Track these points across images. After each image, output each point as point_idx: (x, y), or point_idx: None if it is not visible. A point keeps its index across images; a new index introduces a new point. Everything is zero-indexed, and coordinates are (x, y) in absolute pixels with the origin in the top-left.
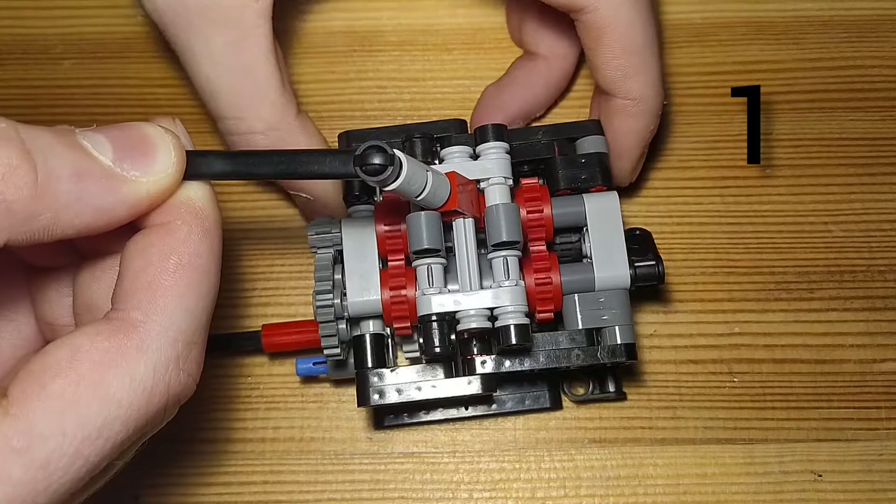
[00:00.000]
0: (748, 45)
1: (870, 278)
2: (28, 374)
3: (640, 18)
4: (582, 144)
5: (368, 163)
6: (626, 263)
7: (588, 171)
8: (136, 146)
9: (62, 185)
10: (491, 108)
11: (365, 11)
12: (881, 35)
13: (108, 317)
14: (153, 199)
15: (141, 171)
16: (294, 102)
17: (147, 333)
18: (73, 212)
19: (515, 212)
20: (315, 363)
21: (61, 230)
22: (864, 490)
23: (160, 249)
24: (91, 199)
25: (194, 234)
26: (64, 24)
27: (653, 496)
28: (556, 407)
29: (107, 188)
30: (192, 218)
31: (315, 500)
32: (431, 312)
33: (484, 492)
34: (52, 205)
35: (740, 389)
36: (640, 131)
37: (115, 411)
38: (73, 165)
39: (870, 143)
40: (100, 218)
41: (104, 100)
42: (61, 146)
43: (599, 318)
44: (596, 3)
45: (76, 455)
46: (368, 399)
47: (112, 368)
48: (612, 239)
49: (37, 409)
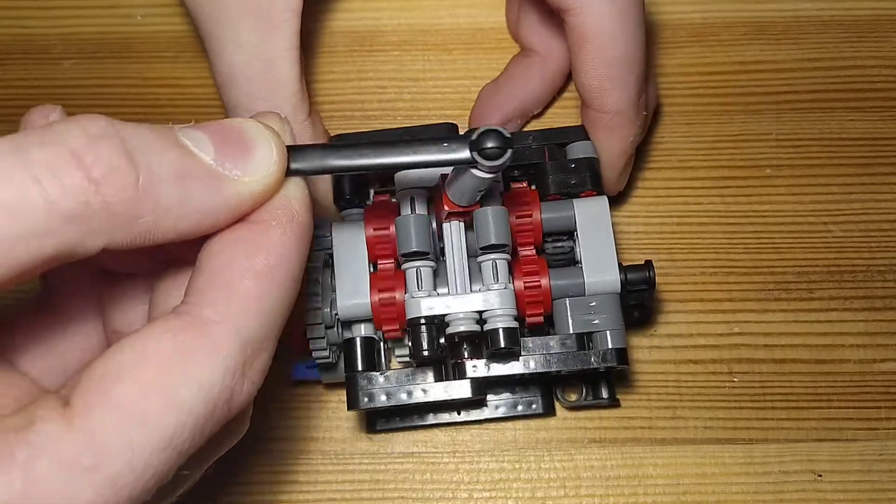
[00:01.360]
0: (748, 45)
1: (870, 278)
2: (90, 381)
3: (626, 31)
4: (572, 149)
5: (485, 147)
6: (616, 268)
7: (578, 176)
8: (238, 144)
9: (165, 187)
10: (488, 106)
11: (365, 11)
12: (881, 35)
13: (177, 311)
14: (255, 200)
15: (243, 171)
16: (307, 102)
17: (219, 335)
18: (175, 214)
19: (504, 215)
20: (308, 367)
21: (163, 233)
22: (864, 490)
23: (247, 248)
24: (194, 201)
25: (288, 237)
26: (64, 24)
27: (653, 496)
28: (548, 413)
29: (210, 188)
30: (287, 220)
31: (315, 500)
32: (420, 315)
33: (484, 492)
34: (154, 207)
35: (740, 389)
36: (619, 143)
37: (183, 419)
38: (175, 165)
39: (870, 143)
40: (202, 220)
41: (104, 100)
42: (162, 145)
43: (590, 323)
44: (581, 7)
45: (145, 468)
46: (358, 402)
47: (180, 372)
48: (602, 243)
49: (102, 420)
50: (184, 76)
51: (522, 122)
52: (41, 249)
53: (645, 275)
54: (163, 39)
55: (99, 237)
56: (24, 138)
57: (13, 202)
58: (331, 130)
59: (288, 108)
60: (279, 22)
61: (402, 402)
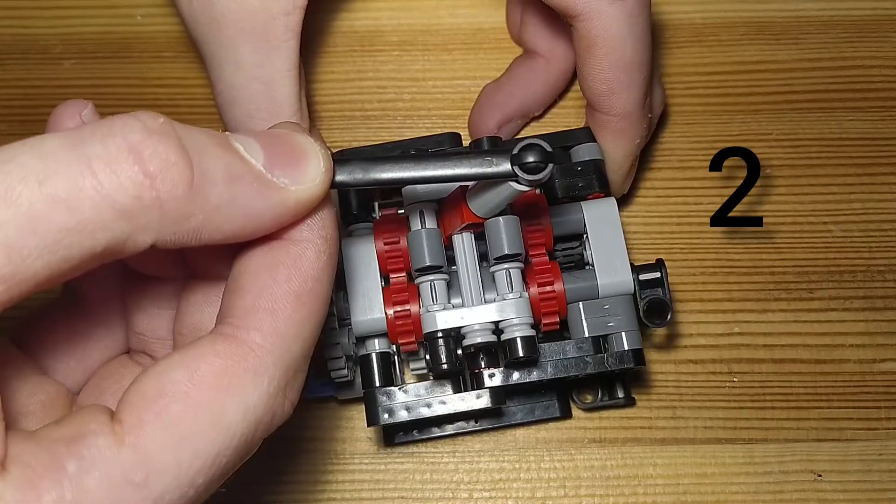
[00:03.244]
0: (748, 45)
1: (869, 278)
2: (141, 398)
3: (633, 35)
4: (577, 152)
5: (527, 161)
6: (628, 269)
7: (585, 179)
8: (288, 153)
9: (216, 187)
10: (489, 106)
11: (365, 11)
12: (881, 35)
13: (222, 333)
14: (299, 210)
15: (291, 179)
16: (308, 121)
17: (265, 358)
18: (223, 215)
19: (516, 224)
20: (322, 383)
21: (209, 234)
22: (864, 490)
23: (288, 271)
24: (242, 203)
25: (322, 257)
26: (64, 24)
27: (652, 496)
28: (565, 416)
29: (258, 193)
30: (321, 240)
31: (315, 500)
32: (437, 329)
33: (484, 492)
34: (205, 206)
35: (740, 389)
36: (625, 146)
37: (229, 440)
38: (227, 167)
39: (870, 143)
40: (248, 224)
41: (104, 100)
42: (215, 146)
43: (605, 325)
44: (590, 13)
45: (190, 485)
46: (378, 419)
47: (230, 394)
48: (613, 245)
49: (154, 439)
50: (184, 76)
51: (523, 123)
52: (93, 244)
53: (658, 274)
54: (163, 39)
55: (148, 233)
56: (83, 132)
57: (68, 195)
58: (331, 130)
59: None
60: (279, 42)
61: (423, 416)
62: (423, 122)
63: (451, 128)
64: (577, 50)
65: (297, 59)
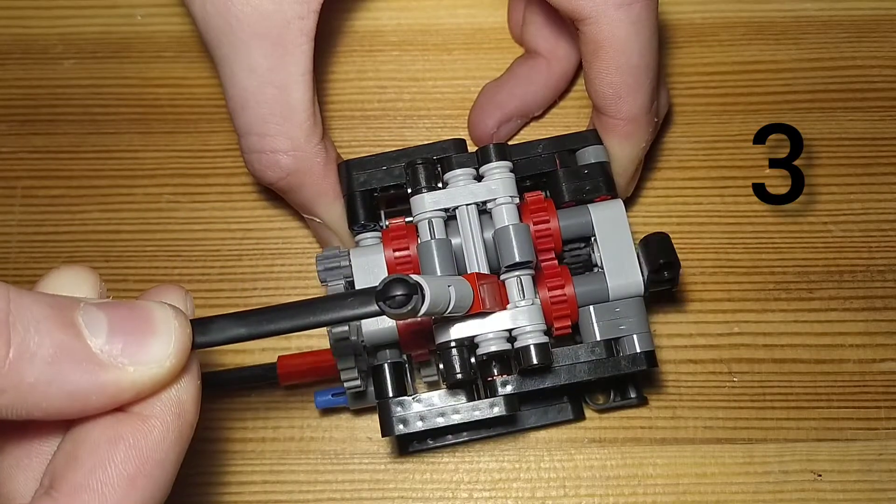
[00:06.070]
0: (748, 45)
1: (869, 278)
2: None
3: (641, 39)
4: (583, 155)
5: (391, 296)
6: (637, 271)
7: (591, 182)
8: (135, 330)
9: (34, 366)
10: (489, 104)
11: (365, 11)
12: (881, 35)
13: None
14: (139, 390)
15: (130, 360)
16: (320, 126)
17: None
18: (41, 394)
19: (526, 232)
20: (334, 394)
21: (26, 411)
22: (864, 490)
23: (128, 451)
24: (66, 382)
25: (169, 436)
26: (64, 24)
27: (652, 496)
28: (579, 418)
29: (86, 373)
30: (172, 418)
31: (315, 499)
32: (450, 339)
33: (484, 492)
34: (19, 384)
35: (740, 389)
36: (632, 149)
37: None
38: (56, 344)
39: (870, 143)
40: (73, 403)
41: (104, 100)
42: (50, 323)
43: (617, 328)
44: (597, 16)
45: None
46: (392, 429)
47: None
48: (622, 247)
49: None
50: (184, 76)
51: (522, 123)
52: None
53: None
54: (163, 39)
55: None
56: None
57: None
58: (331, 131)
59: (300, 133)
60: (293, 47)
61: (438, 424)
62: (423, 122)
63: (451, 128)
64: (584, 54)
65: (310, 63)
